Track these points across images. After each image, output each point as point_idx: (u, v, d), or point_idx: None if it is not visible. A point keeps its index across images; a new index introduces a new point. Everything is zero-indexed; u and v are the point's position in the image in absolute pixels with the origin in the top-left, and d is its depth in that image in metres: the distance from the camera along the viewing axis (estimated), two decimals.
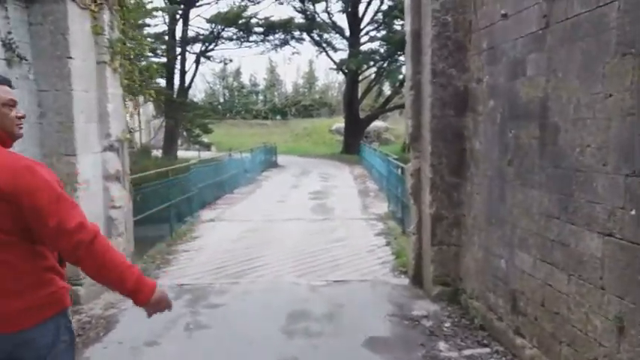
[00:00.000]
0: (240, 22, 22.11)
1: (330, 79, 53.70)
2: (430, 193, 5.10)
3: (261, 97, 52.90)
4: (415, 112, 5.49)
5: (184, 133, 24.40)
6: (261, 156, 21.14)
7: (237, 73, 52.81)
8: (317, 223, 9.42)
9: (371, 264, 6.66)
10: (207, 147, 21.42)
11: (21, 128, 1.99)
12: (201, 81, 51.57)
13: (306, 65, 52.88)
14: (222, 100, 50.75)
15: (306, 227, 9.03)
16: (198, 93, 49.52)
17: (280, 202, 12.24)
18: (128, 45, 6.17)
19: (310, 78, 52.64)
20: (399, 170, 8.86)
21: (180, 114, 20.74)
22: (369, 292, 5.55)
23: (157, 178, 9.00)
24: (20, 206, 1.78)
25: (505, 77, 4.21)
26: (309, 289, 5.64)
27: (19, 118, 1.96)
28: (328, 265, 6.60)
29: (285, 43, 26.00)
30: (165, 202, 8.38)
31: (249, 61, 68.03)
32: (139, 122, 34.33)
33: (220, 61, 24.93)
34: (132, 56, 6.23)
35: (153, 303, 1.96)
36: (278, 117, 49.45)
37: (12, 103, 1.93)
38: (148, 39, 23.46)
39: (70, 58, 5.00)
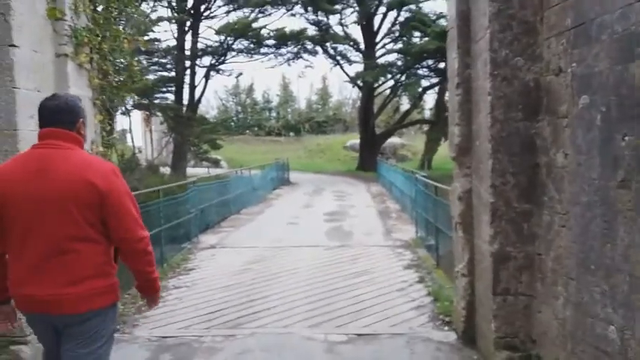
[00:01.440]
0: (250, 33, 21.12)
1: (343, 95, 52.81)
2: (491, 224, 3.76)
3: (274, 114, 52.09)
4: (464, 117, 4.19)
5: (192, 149, 23.35)
6: (272, 173, 19.95)
7: (250, 90, 52.19)
8: (333, 251, 8.10)
9: (403, 308, 5.31)
10: (215, 163, 20.28)
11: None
12: (214, 97, 51.07)
13: (320, 81, 52.08)
14: (234, 116, 49.92)
15: (320, 256, 7.71)
16: (210, 110, 48.93)
17: (291, 224, 10.95)
18: (104, 36, 5.00)
19: (324, 94, 51.73)
20: (433, 190, 7.53)
21: (187, 129, 19.68)
22: (406, 353, 4.21)
23: (152, 197, 7.77)
24: (107, 206, 2.18)
25: (609, 62, 2.90)
26: (326, 348, 4.30)
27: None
28: (349, 310, 5.27)
29: (297, 56, 24.98)
30: (157, 227, 7.13)
31: (261, 78, 67.74)
32: (151, 139, 33.62)
33: (230, 74, 23.89)
34: (107, 50, 5.04)
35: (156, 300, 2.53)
36: (291, 134, 48.50)
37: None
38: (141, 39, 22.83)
39: (13, 46, 3.81)
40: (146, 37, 23.16)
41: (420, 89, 21.63)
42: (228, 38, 22.13)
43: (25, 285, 2.18)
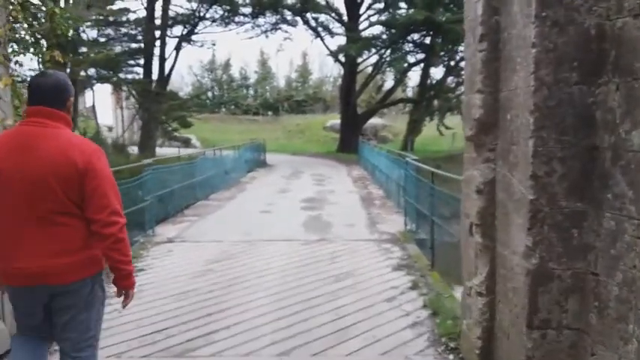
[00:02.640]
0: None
1: (324, 72, 51.34)
2: (529, 230, 2.68)
3: (251, 92, 50.42)
4: (490, 81, 3.08)
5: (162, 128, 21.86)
6: (247, 154, 18.69)
7: (227, 66, 50.37)
8: (311, 246, 6.99)
9: (396, 326, 4.25)
10: (185, 143, 18.90)
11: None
12: (189, 73, 49.12)
13: (300, 58, 50.47)
14: (210, 94, 48.12)
15: (296, 253, 6.59)
16: (185, 86, 47.03)
17: (265, 212, 9.80)
18: None
19: (304, 71, 50.20)
20: (428, 177, 6.45)
21: (155, 105, 18.23)
22: None
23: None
24: (84, 184, 2.24)
25: None
26: None
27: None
28: (329, 328, 4.19)
29: (275, 26, 23.53)
30: None
31: (239, 53, 65.56)
32: (122, 116, 31.85)
33: (202, 45, 22.25)
34: None
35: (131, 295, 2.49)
36: (269, 113, 47.04)
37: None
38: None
39: None
40: (114, 7, 21.56)
41: (406, 65, 20.47)
42: (201, 5, 20.54)
43: (12, 258, 2.25)
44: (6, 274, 2.32)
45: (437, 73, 26.35)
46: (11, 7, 3.70)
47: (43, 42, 4.92)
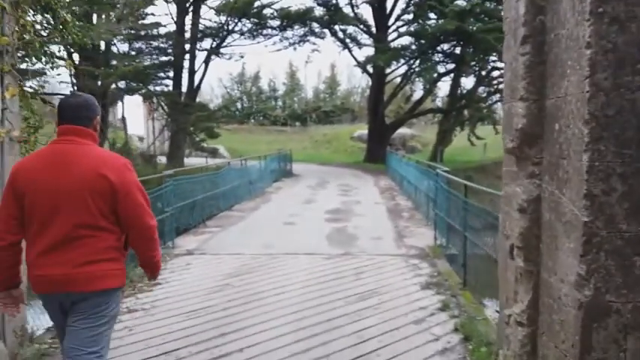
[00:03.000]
0: (251, 12, 19.56)
1: (352, 83, 51.16)
2: (582, 257, 2.33)
3: (280, 103, 50.55)
4: (534, 87, 2.74)
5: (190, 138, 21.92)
6: (273, 164, 18.54)
7: (256, 78, 50.69)
8: (334, 261, 6.68)
9: (423, 352, 3.90)
10: (212, 153, 18.84)
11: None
12: (219, 86, 49.65)
13: (328, 69, 50.45)
14: (239, 105, 48.49)
15: (318, 269, 6.29)
16: (215, 98, 47.54)
17: (288, 224, 9.54)
18: None
19: (332, 83, 50.14)
20: (459, 189, 6.08)
21: (183, 117, 18.28)
22: None
23: None
24: (119, 198, 2.36)
25: None
26: None
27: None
28: (350, 353, 3.87)
29: (304, 39, 23.42)
30: None
31: (268, 66, 66.06)
32: (153, 127, 32.28)
33: (230, 57, 22.29)
34: None
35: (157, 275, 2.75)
36: (297, 123, 47.04)
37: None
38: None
39: None
40: (146, 21, 21.86)
41: (435, 75, 20.02)
42: (229, 19, 20.60)
43: (40, 267, 2.36)
44: (31, 281, 2.43)
45: (467, 83, 25.80)
46: (19, 14, 3.54)
47: (59, 52, 4.76)
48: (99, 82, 16.80)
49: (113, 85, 18.30)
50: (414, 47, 20.45)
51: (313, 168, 25.08)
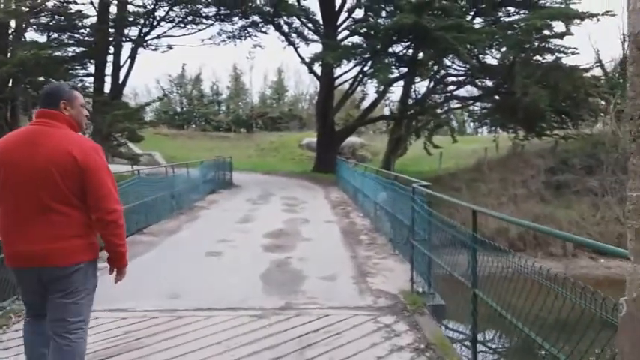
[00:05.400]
0: None
1: (300, 89, 49.11)
2: None
3: (223, 108, 47.71)
4: None
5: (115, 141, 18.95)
6: (210, 173, 16.06)
7: (197, 80, 47.62)
8: (269, 322, 4.42)
9: None
10: (131, 159, 16.10)
11: (87, 123, 2.92)
12: (156, 87, 46.29)
13: (275, 74, 48.19)
14: (178, 109, 45.31)
15: (242, 338, 4.02)
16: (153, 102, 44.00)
17: (212, 254, 7.17)
18: None
19: (279, 88, 47.83)
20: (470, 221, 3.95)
21: (99, 117, 15.48)
22: None
23: None
24: (85, 178, 2.49)
25: None
26: None
27: (86, 115, 2.79)
28: None
29: (244, 32, 21.12)
30: None
31: (210, 68, 62.79)
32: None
33: (155, 48, 19.55)
34: None
35: (124, 272, 2.78)
36: (242, 130, 44.39)
37: (85, 105, 2.79)
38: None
39: None
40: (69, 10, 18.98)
41: (390, 75, 18.24)
42: (158, 4, 17.97)
43: (16, 242, 2.48)
44: (9, 256, 2.55)
45: (420, 88, 24.26)
46: None
47: None
48: None
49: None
50: (365, 46, 18.55)
51: (257, 178, 22.72)
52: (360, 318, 4.52)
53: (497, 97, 21.32)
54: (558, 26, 17.77)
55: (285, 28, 21.54)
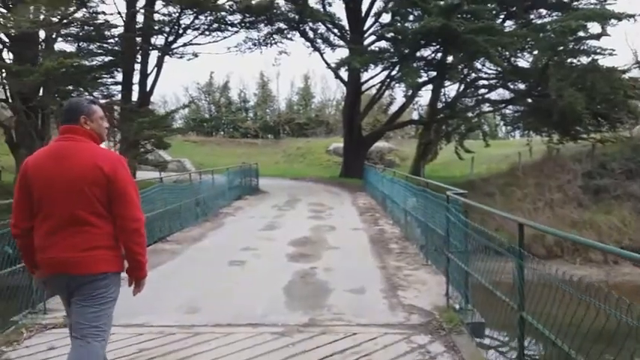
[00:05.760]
0: (206, 3, 16.94)
1: (327, 95, 48.84)
2: None
3: (251, 114, 47.83)
4: None
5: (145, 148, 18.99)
6: (236, 179, 15.91)
7: (225, 88, 47.90)
8: (292, 340, 4.09)
9: None
10: (157, 166, 16.06)
11: (108, 135, 3.13)
12: (185, 95, 46.79)
13: (301, 80, 48.07)
14: (207, 116, 45.64)
15: (263, 359, 3.71)
16: (182, 110, 44.51)
17: (236, 264, 6.90)
18: None
19: (305, 94, 47.65)
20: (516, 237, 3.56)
21: (126, 124, 15.51)
22: None
23: None
24: (112, 188, 2.61)
25: None
26: None
27: (106, 128, 2.88)
28: None
29: (269, 39, 20.97)
30: None
31: (238, 76, 63.17)
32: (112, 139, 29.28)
33: (181, 56, 19.53)
34: None
35: (142, 284, 2.85)
36: (269, 136, 44.42)
37: (104, 117, 2.85)
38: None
39: None
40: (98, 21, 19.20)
41: (419, 80, 17.79)
42: (183, 12, 17.97)
43: (48, 249, 2.62)
44: (43, 263, 2.67)
45: (449, 92, 23.60)
46: None
47: None
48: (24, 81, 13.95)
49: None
50: (393, 51, 18.13)
51: (284, 183, 22.52)
52: (391, 337, 4.15)
53: (530, 100, 20.61)
54: (594, 27, 17.05)
55: (311, 34, 21.32)
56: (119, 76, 19.93)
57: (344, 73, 22.26)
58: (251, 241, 8.47)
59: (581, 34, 17.13)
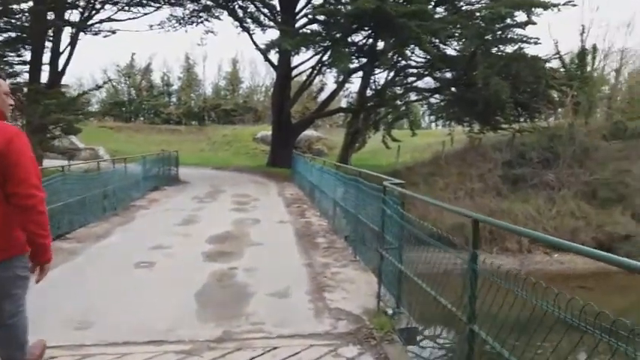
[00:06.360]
0: None
1: (256, 81, 47.66)
2: None
3: (174, 99, 45.68)
4: None
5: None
6: (152, 168, 14.77)
7: (147, 70, 45.34)
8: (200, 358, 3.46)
9: None
10: (66, 154, 14.59)
11: (10, 113, 2.76)
12: (103, 78, 43.79)
13: (229, 64, 46.53)
14: (126, 100, 43.05)
15: None
16: (98, 92, 41.65)
17: (144, 266, 6.08)
18: None
19: (233, 79, 46.18)
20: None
21: (31, 107, 13.91)
22: None
23: None
24: (4, 163, 2.44)
25: None
26: None
27: (11, 105, 2.72)
28: None
29: (195, 16, 19.74)
30: None
31: (161, 58, 60.02)
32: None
33: (96, 33, 17.87)
34: None
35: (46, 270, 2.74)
36: (194, 122, 42.63)
37: (9, 93, 2.70)
38: None
39: None
40: None
41: (351, 65, 17.41)
42: None
43: None
44: None
45: (379, 79, 23.49)
46: None
47: None
48: None
49: None
50: (324, 34, 17.60)
51: (207, 173, 21.49)
52: (316, 350, 3.62)
53: (455, 89, 20.88)
54: (520, 16, 17.40)
55: (240, 12, 20.29)
56: (28, 55, 18.00)
57: (274, 57, 21.51)
58: (164, 238, 7.63)
59: (508, 21, 17.42)
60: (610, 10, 36.61)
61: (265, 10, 20.78)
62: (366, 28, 18.60)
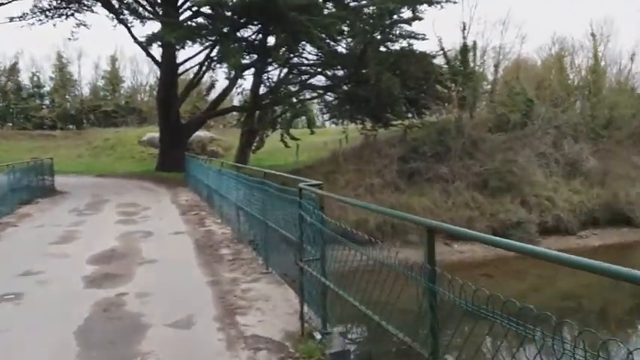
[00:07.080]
0: None
1: (138, 80, 44.66)
2: None
3: (47, 102, 41.34)
4: None
5: None
6: (22, 179, 12.85)
7: (13, 70, 40.51)
8: None
9: None
10: None
11: None
12: None
13: (108, 63, 43.09)
14: None
15: None
16: None
17: (5, 300, 4.90)
18: None
19: (113, 78, 42.85)
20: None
21: None
22: None
23: None
24: None
25: None
26: None
27: None
28: None
29: (63, 8, 17.66)
30: None
31: (29, 56, 54.00)
32: None
33: None
34: None
35: None
36: (71, 126, 38.89)
37: None
38: None
39: None
40: None
41: (243, 61, 16.58)
42: None
43: None
44: None
45: (273, 76, 22.88)
46: None
47: None
48: None
49: None
50: (211, 28, 16.58)
51: (88, 181, 19.43)
52: None
53: (346, 87, 20.95)
54: (406, 12, 17.77)
55: (116, 3, 18.45)
56: None
57: (157, 52, 19.95)
58: (35, 260, 6.38)
59: (395, 17, 17.68)
60: (487, 8, 39.29)
61: (143, 2, 19.16)
62: (256, 23, 17.89)
